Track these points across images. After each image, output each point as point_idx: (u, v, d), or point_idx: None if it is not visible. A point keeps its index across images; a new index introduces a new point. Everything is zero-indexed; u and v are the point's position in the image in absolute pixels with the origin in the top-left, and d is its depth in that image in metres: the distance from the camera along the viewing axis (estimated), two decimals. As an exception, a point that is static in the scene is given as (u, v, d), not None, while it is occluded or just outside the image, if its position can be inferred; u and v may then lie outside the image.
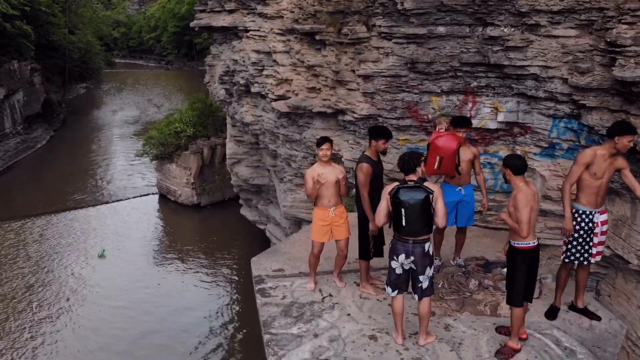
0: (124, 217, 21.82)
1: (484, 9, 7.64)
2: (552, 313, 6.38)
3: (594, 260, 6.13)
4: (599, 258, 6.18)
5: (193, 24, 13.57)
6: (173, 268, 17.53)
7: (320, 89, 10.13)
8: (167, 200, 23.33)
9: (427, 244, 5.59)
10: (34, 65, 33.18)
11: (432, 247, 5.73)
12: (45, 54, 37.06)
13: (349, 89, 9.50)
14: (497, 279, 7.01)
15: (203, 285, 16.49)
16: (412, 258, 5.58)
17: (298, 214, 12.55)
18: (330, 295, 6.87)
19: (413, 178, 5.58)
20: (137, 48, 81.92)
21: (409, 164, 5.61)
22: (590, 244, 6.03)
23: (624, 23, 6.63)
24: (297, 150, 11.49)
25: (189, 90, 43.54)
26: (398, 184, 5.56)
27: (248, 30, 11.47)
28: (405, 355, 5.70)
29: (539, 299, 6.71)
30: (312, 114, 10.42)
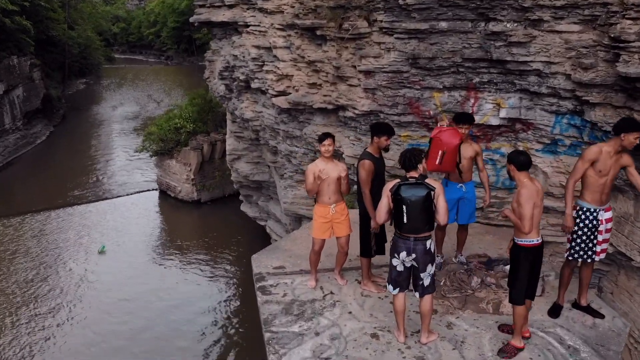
0: (124, 213, 21.80)
1: (487, 4, 7.58)
2: (555, 311, 6.33)
3: (598, 258, 6.07)
4: (603, 256, 6.13)
5: (193, 19, 13.51)
6: (173, 264, 17.52)
7: (321, 85, 10.07)
8: (167, 197, 23.30)
9: (428, 242, 5.54)
10: (34, 61, 33.12)
11: (434, 244, 5.68)
12: (45, 50, 37.01)
13: (350, 85, 9.44)
14: (499, 277, 6.96)
15: (203, 281, 16.48)
16: (413, 255, 5.53)
17: (298, 211, 12.51)
18: (332, 293, 6.82)
19: (414, 175, 5.53)
20: (136, 43, 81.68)
21: (410, 161, 5.56)
22: (595, 242, 5.96)
23: (628, 18, 6.58)
24: (297, 147, 11.43)
25: (189, 86, 43.43)
26: (399, 181, 5.51)
27: (248, 26, 11.40)
28: (407, 354, 5.65)
29: (542, 297, 6.66)
30: (312, 110, 10.36)
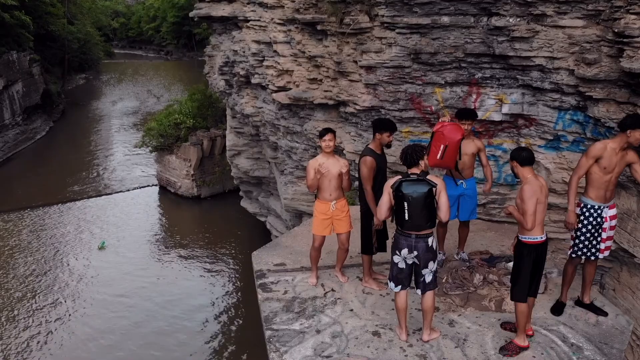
0: (124, 208, 21.75)
1: (489, -2, 7.51)
2: (558, 309, 6.28)
3: (602, 256, 6.02)
4: (607, 253, 6.07)
5: (192, 14, 13.42)
6: (173, 259, 17.49)
7: (322, 80, 9.99)
8: (167, 192, 23.26)
9: (430, 239, 5.49)
10: (33, 56, 33.00)
11: (435, 241, 5.63)
12: (44, 45, 36.86)
13: (351, 80, 9.37)
14: (501, 274, 6.91)
15: (203, 277, 16.46)
16: (415, 253, 5.49)
17: (299, 207, 12.46)
18: (333, 290, 6.78)
19: (416, 171, 5.48)
20: (136, 38, 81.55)
21: (412, 157, 5.51)
22: (599, 239, 5.91)
23: (632, 13, 6.50)
24: (298, 142, 11.37)
25: (189, 81, 43.39)
26: (400, 178, 5.45)
27: (248, 20, 11.32)
28: (409, 352, 5.61)
29: (545, 294, 6.62)
30: (313, 106, 10.30)
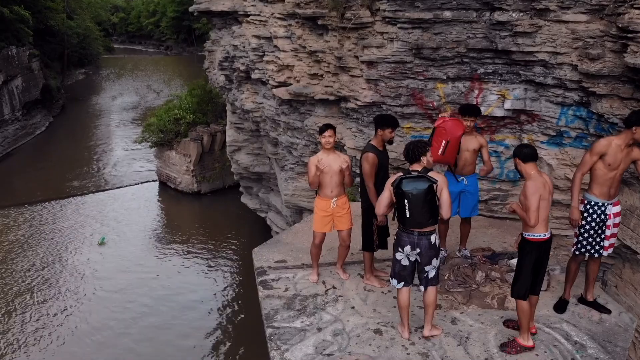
0: (124, 204, 21.71)
1: (492, -7, 7.43)
2: (561, 306, 6.24)
3: (606, 253, 5.97)
4: (611, 251, 6.02)
5: (192, 9, 13.38)
6: (173, 255, 17.46)
7: (323, 76, 9.93)
8: (167, 188, 23.21)
9: (433, 236, 5.44)
10: (33, 51, 32.90)
11: (438, 238, 5.58)
12: (44, 40, 36.76)
13: (352, 76, 9.29)
14: (504, 271, 6.86)
15: (203, 272, 16.45)
16: (417, 250, 5.44)
17: (299, 203, 12.41)
18: (334, 288, 6.73)
19: (417, 168, 5.43)
20: (136, 33, 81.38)
21: (413, 153, 5.47)
22: (602, 236, 5.86)
23: (637, 8, 6.45)
24: (298, 138, 11.31)
25: (188, 76, 43.28)
26: (401, 175, 5.40)
27: (248, 15, 11.25)
28: (412, 350, 5.56)
29: (548, 292, 6.57)
30: (313, 101, 10.23)
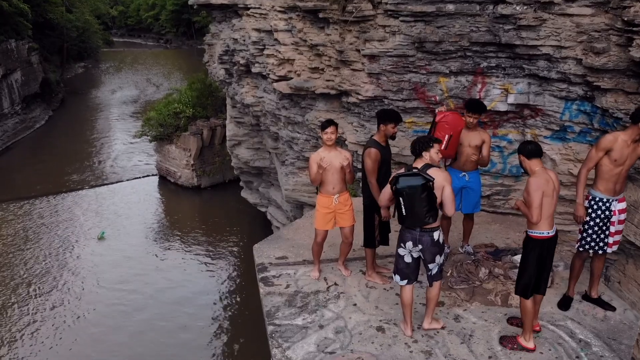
0: (124, 198, 21.70)
1: (496, -14, 7.34)
2: (565, 303, 6.17)
3: (611, 250, 5.89)
4: (616, 247, 5.94)
5: (191, 2, 13.24)
6: (173, 249, 17.45)
7: (324, 70, 9.83)
8: (166, 182, 23.17)
9: (436, 233, 5.36)
10: (32, 45, 32.83)
11: (442, 235, 5.50)
12: (43, 33, 36.67)
13: (354, 70, 9.19)
14: (507, 267, 6.80)
15: (203, 266, 16.46)
16: (420, 246, 5.36)
17: (300, 198, 12.35)
18: (336, 284, 6.67)
19: (418, 164, 5.35)
20: (135, 27, 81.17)
21: (414, 148, 5.42)
22: (607, 233, 5.79)
23: (643, 1, 6.34)
24: (299, 133, 11.23)
25: (188, 70, 43.19)
26: (398, 172, 5.31)
27: (248, 8, 11.14)
28: (415, 348, 5.50)
29: (552, 289, 6.48)
30: (314, 96, 10.14)
